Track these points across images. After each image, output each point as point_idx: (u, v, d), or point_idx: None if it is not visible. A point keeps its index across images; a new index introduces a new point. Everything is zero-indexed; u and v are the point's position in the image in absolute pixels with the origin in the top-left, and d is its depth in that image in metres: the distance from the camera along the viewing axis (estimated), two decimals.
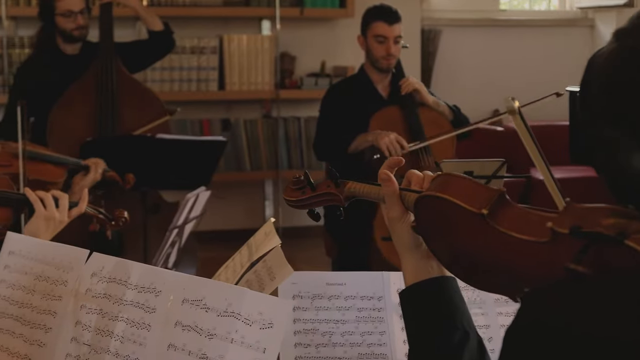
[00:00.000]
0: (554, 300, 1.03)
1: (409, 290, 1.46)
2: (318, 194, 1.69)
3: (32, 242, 1.77)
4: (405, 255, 1.47)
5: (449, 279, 1.43)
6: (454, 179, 1.34)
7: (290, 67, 6.19)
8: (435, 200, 1.34)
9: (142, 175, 3.64)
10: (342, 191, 1.64)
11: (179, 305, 1.49)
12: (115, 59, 4.31)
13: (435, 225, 1.38)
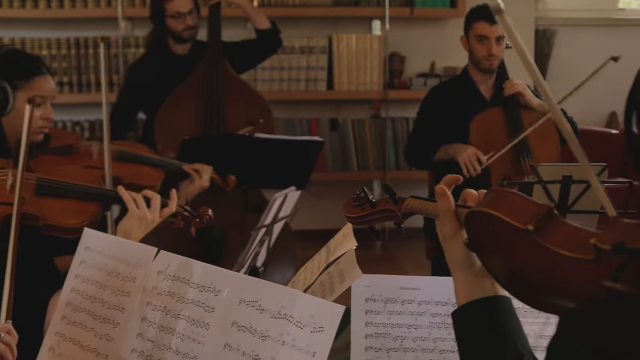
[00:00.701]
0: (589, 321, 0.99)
1: (460, 310, 1.44)
2: (377, 210, 1.69)
3: (106, 238, 1.82)
4: (457, 274, 1.45)
5: (502, 298, 1.40)
6: (503, 194, 1.33)
7: (399, 67, 6.17)
8: (483, 216, 1.33)
9: (241, 174, 3.67)
10: (400, 208, 1.64)
11: (236, 306, 1.51)
12: (222, 59, 4.38)
13: (485, 242, 1.37)
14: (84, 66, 5.82)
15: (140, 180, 3.24)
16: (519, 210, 1.27)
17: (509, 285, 1.37)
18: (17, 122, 3.00)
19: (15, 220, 2.18)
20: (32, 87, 2.99)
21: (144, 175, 3.28)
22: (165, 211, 2.55)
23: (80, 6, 5.79)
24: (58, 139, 3.22)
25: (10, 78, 2.96)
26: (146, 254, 1.72)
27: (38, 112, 3.07)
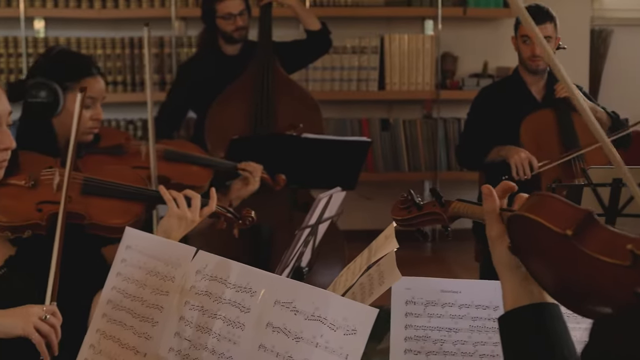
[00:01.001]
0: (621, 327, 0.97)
1: (506, 316, 1.42)
2: (423, 213, 1.69)
3: (147, 237, 1.84)
4: (504, 277, 1.43)
5: (548, 305, 1.38)
6: (544, 198, 1.32)
7: (451, 68, 6.13)
8: (523, 220, 1.32)
9: (289, 174, 3.67)
10: (447, 211, 1.64)
11: (271, 307, 1.51)
12: (273, 58, 4.39)
13: (527, 246, 1.36)
14: (138, 65, 5.88)
15: (188, 180, 3.19)
16: (558, 215, 1.26)
17: (550, 289, 1.35)
18: (67, 122, 3.03)
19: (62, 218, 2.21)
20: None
21: (192, 175, 3.25)
22: (205, 210, 2.55)
23: (135, 6, 5.86)
24: (108, 138, 3.24)
25: (61, 79, 3.00)
26: (185, 253, 1.73)
27: (87, 113, 3.11)
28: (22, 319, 2.04)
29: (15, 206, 2.34)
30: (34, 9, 5.86)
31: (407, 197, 1.80)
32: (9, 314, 2.09)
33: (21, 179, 2.42)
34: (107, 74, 5.87)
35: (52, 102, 2.96)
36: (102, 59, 5.84)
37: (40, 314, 2.06)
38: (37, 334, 2.03)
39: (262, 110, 4.33)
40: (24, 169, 2.45)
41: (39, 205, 2.37)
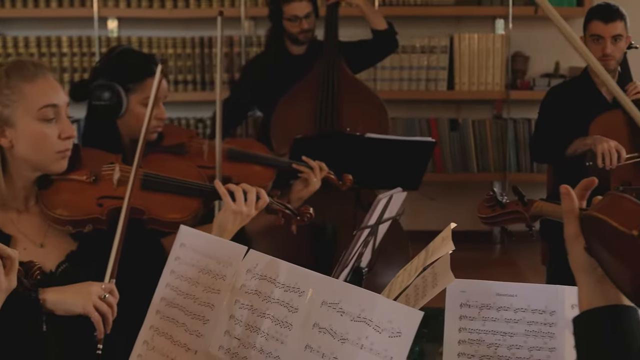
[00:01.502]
0: None
1: (581, 317, 1.40)
2: (506, 211, 1.69)
3: (200, 235, 1.85)
4: (580, 278, 1.41)
5: (625, 307, 1.36)
6: (615, 198, 1.32)
7: (522, 68, 6.05)
8: (593, 220, 1.33)
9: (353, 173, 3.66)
10: (529, 210, 1.64)
11: (318, 307, 1.51)
12: (338, 58, 4.39)
13: (599, 246, 1.36)
14: (208, 65, 5.94)
15: (250, 180, 3.15)
16: (627, 214, 1.26)
17: (626, 291, 1.34)
18: (131, 123, 3.08)
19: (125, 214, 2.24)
20: (145, 89, 3.06)
21: (255, 175, 3.22)
22: (259, 204, 2.56)
23: (205, 6, 5.92)
24: (171, 136, 3.27)
25: (123, 80, 3.04)
26: (236, 252, 1.73)
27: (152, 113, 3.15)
28: (82, 297, 2.10)
29: (76, 201, 2.39)
30: (107, 9, 5.96)
31: (492, 196, 1.81)
32: (70, 291, 2.15)
33: (82, 174, 2.46)
34: (178, 73, 5.94)
35: (115, 104, 3.00)
36: (172, 58, 5.92)
37: (99, 292, 2.12)
38: (96, 313, 2.09)
39: (326, 110, 4.33)
40: (85, 164, 2.49)
41: (100, 200, 2.41)
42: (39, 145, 2.25)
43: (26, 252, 2.27)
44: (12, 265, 1.81)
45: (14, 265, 1.82)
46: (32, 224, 2.35)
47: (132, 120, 3.05)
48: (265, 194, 2.57)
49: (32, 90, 2.24)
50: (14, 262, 1.82)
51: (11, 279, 1.82)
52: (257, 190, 2.55)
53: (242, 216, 2.50)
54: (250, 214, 2.52)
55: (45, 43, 5.93)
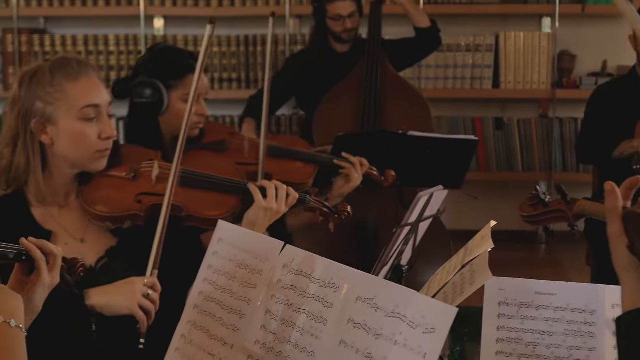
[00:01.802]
0: None
1: (624, 317, 1.37)
2: (549, 210, 1.67)
3: (238, 230, 1.86)
4: (623, 277, 1.39)
5: None
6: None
7: (569, 66, 5.99)
8: (633, 217, 1.32)
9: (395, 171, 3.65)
10: (572, 209, 1.61)
11: (353, 303, 1.50)
12: (382, 56, 4.38)
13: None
14: (252, 63, 5.96)
15: (291, 177, 3.14)
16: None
17: None
18: (172, 120, 3.10)
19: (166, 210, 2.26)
20: (186, 85, 3.08)
21: (296, 171, 3.21)
22: (289, 200, 2.56)
23: (251, 4, 5.95)
24: (213, 133, 3.29)
25: (164, 78, 3.06)
26: (273, 247, 1.74)
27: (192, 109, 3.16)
28: (127, 299, 2.14)
29: (116, 197, 2.40)
30: (153, 7, 6.02)
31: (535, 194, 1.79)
32: (115, 292, 2.17)
33: (122, 171, 2.48)
34: (223, 71, 5.98)
35: (157, 102, 3.02)
36: (217, 56, 5.96)
37: (143, 290, 2.15)
38: (141, 313, 2.13)
39: (369, 108, 4.32)
40: (125, 161, 2.51)
41: (139, 196, 2.43)
42: (78, 144, 2.28)
43: (67, 247, 2.30)
44: (55, 262, 1.83)
45: (57, 262, 1.84)
46: (72, 219, 2.37)
47: (173, 117, 3.07)
48: (295, 191, 2.56)
49: (75, 90, 2.26)
50: (57, 259, 1.83)
51: (54, 276, 1.83)
52: (287, 188, 2.55)
53: (272, 212, 2.51)
54: (280, 210, 2.53)
55: (93, 41, 6.00)
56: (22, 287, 1.79)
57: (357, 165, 3.32)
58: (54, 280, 1.84)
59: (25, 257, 1.81)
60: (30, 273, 1.81)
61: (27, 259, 1.81)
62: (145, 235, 2.29)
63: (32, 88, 2.26)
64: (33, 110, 2.26)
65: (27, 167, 2.29)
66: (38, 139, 2.28)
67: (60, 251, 1.86)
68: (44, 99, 2.25)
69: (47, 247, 1.83)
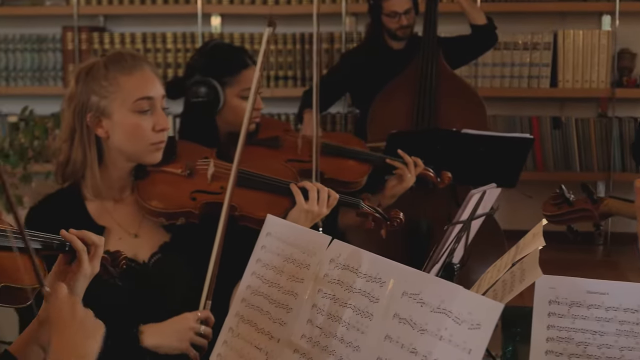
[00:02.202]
0: None
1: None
2: (573, 209, 1.64)
3: (286, 225, 1.86)
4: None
5: None
6: None
7: (629, 65, 5.88)
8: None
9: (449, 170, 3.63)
10: (598, 208, 1.58)
11: (399, 298, 1.50)
12: (437, 53, 4.35)
13: None
14: (308, 61, 5.97)
15: (343, 175, 3.16)
16: None
17: None
18: (228, 117, 3.12)
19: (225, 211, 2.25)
20: (240, 82, 3.10)
21: (348, 170, 3.20)
22: (331, 201, 2.55)
23: (306, 2, 5.95)
24: (268, 128, 3.30)
25: (219, 75, 3.08)
26: (321, 241, 1.73)
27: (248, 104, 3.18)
28: (179, 338, 2.16)
29: (171, 193, 2.42)
30: (211, 5, 6.06)
31: (559, 193, 1.76)
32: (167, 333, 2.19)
33: (178, 168, 2.50)
34: (278, 69, 5.99)
35: (213, 100, 3.04)
36: (273, 54, 5.97)
37: (196, 328, 2.16)
38: (194, 351, 2.16)
39: (424, 105, 4.30)
40: (181, 157, 2.53)
41: (193, 194, 2.44)
42: (133, 136, 2.31)
43: (121, 242, 2.33)
44: (95, 252, 1.86)
45: (97, 252, 1.86)
46: (127, 214, 2.40)
47: (230, 114, 3.08)
48: (336, 193, 2.54)
49: (129, 83, 2.29)
50: (97, 249, 1.86)
51: (94, 265, 1.86)
52: (328, 190, 2.54)
53: (313, 215, 2.51)
54: (321, 213, 2.52)
55: (151, 39, 6.06)
56: (64, 276, 1.83)
57: (411, 165, 3.29)
58: (94, 269, 1.87)
59: (69, 248, 1.84)
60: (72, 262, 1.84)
61: (70, 250, 1.84)
62: (198, 233, 2.31)
63: (88, 83, 2.30)
64: (88, 105, 2.30)
65: (84, 161, 2.33)
66: (94, 132, 2.32)
67: (102, 241, 1.88)
68: (98, 93, 2.29)
69: (89, 237, 1.86)
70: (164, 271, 2.34)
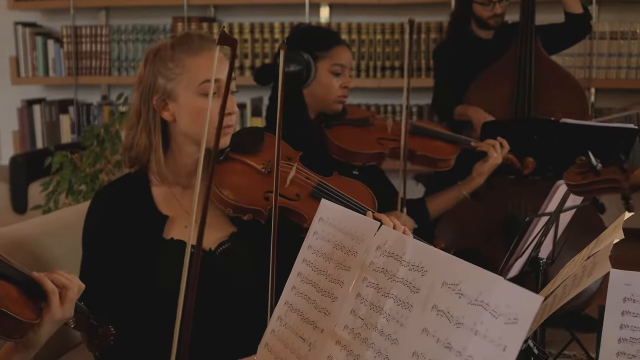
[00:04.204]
0: None
1: None
2: (600, 179, 1.47)
3: (338, 210, 1.77)
4: None
5: None
6: None
7: None
8: None
9: (546, 161, 3.47)
10: (628, 178, 1.41)
11: (439, 288, 1.39)
12: (535, 41, 4.17)
13: None
14: (415, 51, 5.84)
15: (433, 152, 3.21)
16: None
17: None
18: (317, 92, 3.08)
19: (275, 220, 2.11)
20: (332, 57, 3.07)
21: (437, 149, 3.24)
22: None
23: None
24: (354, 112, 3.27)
25: (311, 49, 3.04)
26: (370, 227, 1.64)
27: (338, 81, 3.12)
28: None
29: (245, 187, 2.31)
30: None
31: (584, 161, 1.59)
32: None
33: (260, 163, 2.36)
34: (385, 59, 5.89)
35: (302, 70, 3.00)
36: (381, 44, 5.87)
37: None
38: None
39: (523, 95, 4.12)
40: (265, 151, 2.39)
41: (268, 194, 2.29)
42: (199, 120, 2.22)
43: (187, 230, 2.25)
44: (66, 295, 1.78)
45: (68, 295, 1.79)
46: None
47: (319, 89, 3.07)
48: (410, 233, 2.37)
49: (195, 64, 2.22)
50: (68, 292, 1.79)
51: (65, 309, 1.79)
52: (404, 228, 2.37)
53: None
54: None
55: (258, 29, 6.05)
56: None
57: (497, 145, 3.28)
58: (65, 314, 1.80)
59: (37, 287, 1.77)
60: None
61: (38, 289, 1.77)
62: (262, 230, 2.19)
63: (155, 65, 2.25)
64: (155, 87, 2.25)
65: (149, 145, 2.28)
66: (159, 116, 2.26)
67: (75, 283, 1.81)
68: (165, 75, 2.23)
69: (59, 280, 1.79)
70: (229, 260, 2.27)
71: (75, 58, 6.39)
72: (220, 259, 2.26)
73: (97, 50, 6.39)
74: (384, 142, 3.16)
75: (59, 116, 6.45)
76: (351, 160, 3.14)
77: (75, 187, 3.87)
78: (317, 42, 3.10)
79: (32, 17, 6.62)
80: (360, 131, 3.20)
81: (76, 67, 6.40)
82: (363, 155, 3.15)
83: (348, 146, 3.12)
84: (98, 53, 6.39)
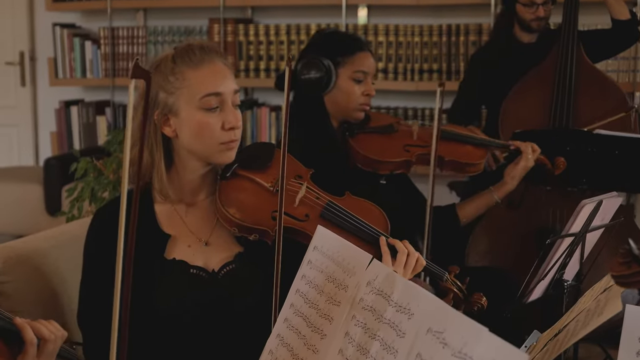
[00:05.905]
0: None
1: None
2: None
3: (331, 238, 1.67)
4: None
5: None
6: None
7: None
8: None
9: (579, 173, 3.34)
10: None
11: (424, 334, 1.29)
12: (578, 46, 4.01)
13: None
14: (454, 54, 5.71)
15: (461, 157, 3.11)
16: None
17: None
18: (338, 99, 3.00)
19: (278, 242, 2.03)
20: (354, 63, 2.98)
21: (466, 153, 3.14)
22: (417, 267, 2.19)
23: None
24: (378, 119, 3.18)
25: (332, 55, 2.96)
26: (361, 260, 1.54)
27: (360, 89, 3.02)
28: None
29: (252, 206, 2.20)
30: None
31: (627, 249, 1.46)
32: None
33: (268, 181, 2.25)
34: (424, 61, 5.76)
35: (323, 77, 2.92)
36: (419, 46, 5.75)
37: None
38: None
39: (562, 102, 3.97)
40: (274, 169, 2.28)
41: (274, 213, 2.17)
42: (201, 135, 2.13)
43: (190, 249, 2.17)
44: (44, 348, 1.72)
45: (46, 348, 1.72)
46: (199, 220, 2.22)
47: (340, 96, 2.99)
48: (424, 260, 2.23)
49: (196, 78, 2.13)
50: (47, 345, 1.72)
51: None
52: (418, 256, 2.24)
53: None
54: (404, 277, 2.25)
55: (295, 30, 5.96)
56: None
57: (529, 148, 3.19)
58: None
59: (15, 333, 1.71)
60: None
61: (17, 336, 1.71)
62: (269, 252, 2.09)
63: (156, 78, 2.17)
64: (156, 102, 2.16)
65: (151, 161, 2.20)
66: (161, 131, 2.18)
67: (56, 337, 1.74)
68: (166, 89, 2.15)
69: (39, 331, 1.72)
70: (233, 282, 2.17)
71: (112, 59, 6.37)
72: (223, 282, 2.17)
73: (134, 52, 6.36)
74: (410, 149, 3.06)
75: (95, 117, 6.44)
76: (377, 169, 3.05)
77: (98, 194, 3.81)
78: (339, 47, 3.01)
79: (70, 18, 6.62)
80: (386, 139, 3.10)
81: (113, 69, 6.38)
82: (390, 163, 3.05)
83: (374, 155, 3.02)
84: (135, 54, 6.35)
